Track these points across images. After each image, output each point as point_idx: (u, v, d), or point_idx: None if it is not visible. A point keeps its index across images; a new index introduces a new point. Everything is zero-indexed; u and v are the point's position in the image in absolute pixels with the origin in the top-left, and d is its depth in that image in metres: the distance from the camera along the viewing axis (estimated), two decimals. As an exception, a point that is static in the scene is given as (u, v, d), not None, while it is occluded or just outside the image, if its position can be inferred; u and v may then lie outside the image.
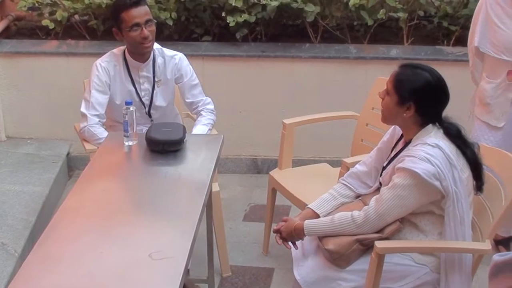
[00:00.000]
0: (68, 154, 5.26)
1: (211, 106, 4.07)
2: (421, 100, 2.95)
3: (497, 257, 1.59)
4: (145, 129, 3.58)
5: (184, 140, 3.38)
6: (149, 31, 3.75)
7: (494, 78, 3.86)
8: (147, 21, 3.74)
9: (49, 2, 5.34)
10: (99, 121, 3.82)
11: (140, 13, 3.72)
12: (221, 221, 4.00)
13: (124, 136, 3.40)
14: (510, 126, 3.90)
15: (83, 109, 3.82)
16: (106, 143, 3.53)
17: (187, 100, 4.06)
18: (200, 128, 3.94)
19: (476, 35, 3.89)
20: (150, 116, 3.96)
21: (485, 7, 3.82)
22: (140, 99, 3.91)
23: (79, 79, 4.16)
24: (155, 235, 2.68)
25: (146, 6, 3.78)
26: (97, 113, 3.80)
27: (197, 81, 4.06)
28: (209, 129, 3.96)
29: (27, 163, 5.03)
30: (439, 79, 2.97)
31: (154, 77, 3.92)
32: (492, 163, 3.17)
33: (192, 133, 3.87)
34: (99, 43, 5.30)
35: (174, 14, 5.14)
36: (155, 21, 3.83)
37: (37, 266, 2.46)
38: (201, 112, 4.04)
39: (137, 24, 3.71)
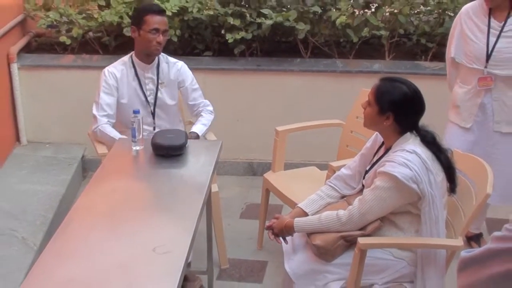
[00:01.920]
0: (82, 157, 5.25)
1: (211, 108, 4.10)
2: (399, 110, 2.95)
3: (464, 253, 1.59)
4: (147, 129, 3.63)
5: (186, 145, 3.38)
6: (163, 39, 3.81)
7: (466, 84, 3.92)
8: (164, 30, 3.82)
9: (66, 20, 5.32)
10: (108, 121, 3.84)
11: (162, 21, 3.80)
12: (220, 218, 3.99)
13: (132, 141, 3.40)
14: (477, 128, 3.92)
15: (94, 111, 3.85)
16: (116, 147, 3.52)
17: (190, 103, 4.08)
18: (199, 127, 3.96)
19: (452, 47, 3.98)
20: (154, 116, 3.95)
21: (460, 22, 3.91)
22: (146, 98, 3.92)
23: (93, 90, 4.13)
24: (159, 231, 2.68)
25: (165, 18, 3.86)
26: (106, 113, 3.81)
27: (197, 85, 4.09)
28: (206, 129, 3.99)
29: (46, 165, 5.02)
30: (416, 91, 2.97)
31: (158, 79, 3.94)
32: (464, 167, 3.18)
33: (191, 130, 3.91)
34: (111, 57, 5.25)
35: (178, 32, 5.14)
36: (170, 34, 3.87)
37: (52, 259, 2.46)
38: (202, 113, 4.06)
39: (157, 29, 3.77)
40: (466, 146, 3.81)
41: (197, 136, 3.87)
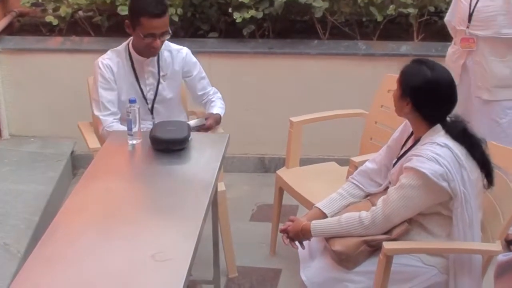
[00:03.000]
0: (72, 152, 5.28)
1: (220, 95, 4.13)
2: (417, 97, 2.96)
3: (502, 257, 1.59)
4: (146, 126, 3.58)
5: (189, 138, 3.39)
6: (161, 41, 3.75)
7: (456, 44, 4.35)
8: (163, 33, 3.74)
9: (53, -2, 5.35)
10: (114, 119, 3.83)
11: (159, 25, 3.69)
12: (227, 221, 4.01)
13: (128, 134, 3.40)
14: (460, 90, 3.90)
15: (95, 111, 3.83)
16: (109, 141, 3.54)
17: (199, 93, 4.09)
18: (218, 109, 4.01)
19: (449, 11, 4.47)
20: (152, 112, 3.96)
21: None
22: (144, 95, 3.92)
23: (83, 77, 4.17)
24: (159, 235, 2.68)
25: (166, 17, 3.75)
26: (110, 112, 3.81)
27: (204, 73, 4.10)
28: (223, 113, 4.03)
29: (31, 161, 5.05)
30: (439, 79, 2.96)
31: (159, 71, 3.92)
32: (501, 162, 3.16)
33: (212, 112, 3.95)
34: (104, 40, 5.31)
35: (180, 10, 5.15)
36: (171, 33, 3.82)
37: (38, 267, 2.46)
38: (212, 100, 4.08)
39: (153, 35, 3.69)
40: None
41: (220, 119, 3.92)
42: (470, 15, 4.12)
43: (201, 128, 3.81)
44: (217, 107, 4.04)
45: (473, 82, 4.22)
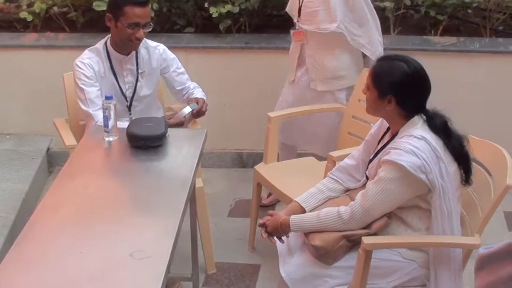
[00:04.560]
0: (48, 149, 5.24)
1: (201, 89, 4.12)
2: (400, 92, 2.95)
3: (482, 250, 1.59)
4: (124, 124, 3.55)
5: (166, 135, 3.37)
6: (144, 32, 3.73)
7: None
8: (146, 23, 3.72)
9: (27, -7, 5.30)
10: None
11: (144, 13, 3.69)
12: (206, 217, 3.99)
13: (105, 131, 3.37)
14: (299, 83, 4.44)
15: (84, 108, 3.76)
16: (86, 139, 3.51)
17: (178, 88, 4.07)
18: (200, 94, 4.04)
19: (289, 3, 4.50)
20: (130, 110, 3.92)
21: None
22: (123, 93, 3.88)
23: (59, 73, 4.12)
24: (137, 233, 2.66)
25: (149, 8, 3.76)
26: (99, 106, 3.72)
27: (183, 68, 4.09)
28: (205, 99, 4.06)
29: (6, 159, 5.00)
30: (417, 69, 2.97)
31: (137, 69, 3.89)
32: (481, 156, 3.17)
33: (195, 96, 3.97)
34: (79, 36, 5.27)
35: (155, 5, 5.12)
36: (152, 25, 3.79)
37: (14, 267, 2.44)
38: (193, 93, 4.06)
39: (137, 24, 3.67)
40: (292, 99, 4.46)
41: (204, 102, 3.94)
42: (299, 9, 4.26)
43: (197, 113, 3.84)
44: (199, 94, 4.04)
45: (309, 74, 4.36)
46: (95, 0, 5.06)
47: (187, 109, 3.79)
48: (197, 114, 3.87)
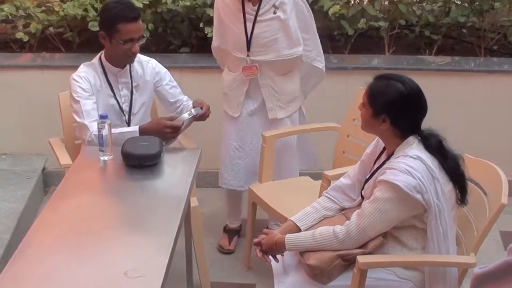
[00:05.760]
0: (43, 169, 5.22)
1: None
2: (395, 112, 2.95)
3: (478, 269, 1.58)
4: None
5: (161, 154, 3.36)
6: (139, 45, 3.75)
7: (233, 71, 4.23)
8: (140, 37, 3.74)
9: (23, 14, 5.31)
10: None
11: (137, 28, 3.71)
12: (201, 236, 3.98)
13: (100, 150, 3.37)
14: (253, 117, 4.26)
15: (79, 120, 3.73)
16: (81, 158, 3.50)
17: (171, 100, 4.07)
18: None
19: (215, 37, 4.30)
20: (129, 124, 3.92)
21: (218, 9, 4.18)
22: (120, 107, 3.89)
23: (54, 93, 4.12)
24: (131, 252, 2.65)
25: (140, 21, 3.77)
26: (94, 118, 3.71)
27: (175, 82, 4.11)
28: None
29: (1, 179, 4.98)
30: (413, 89, 2.97)
31: (132, 82, 3.90)
32: (476, 175, 3.17)
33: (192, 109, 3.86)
34: (74, 56, 5.28)
35: (151, 26, 5.13)
36: (146, 37, 3.81)
37: (9, 286, 2.43)
38: (188, 103, 4.05)
39: (132, 40, 3.69)
40: (241, 135, 4.28)
41: (208, 107, 3.88)
42: (249, 42, 4.04)
43: (200, 117, 3.80)
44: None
45: (266, 104, 4.18)
46: (91, 21, 5.08)
47: (186, 116, 3.75)
48: (200, 117, 3.83)
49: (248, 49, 4.05)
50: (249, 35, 4.02)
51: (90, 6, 5.14)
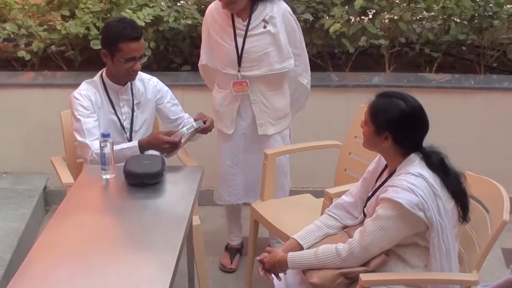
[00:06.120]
0: (44, 188, 5.21)
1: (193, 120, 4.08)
2: (397, 130, 2.96)
3: (480, 287, 1.58)
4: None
5: (163, 172, 3.36)
6: (141, 64, 3.77)
7: (223, 88, 4.20)
8: (141, 55, 3.76)
9: (25, 33, 5.32)
10: None
11: (139, 47, 3.73)
12: (202, 255, 3.97)
13: (102, 169, 3.38)
14: (245, 134, 4.24)
15: (80, 139, 3.74)
16: (83, 176, 3.50)
17: (172, 118, 4.08)
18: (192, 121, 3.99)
19: (203, 54, 4.25)
20: (130, 141, 3.91)
21: (207, 25, 4.16)
22: (121, 124, 3.89)
23: (56, 111, 4.13)
24: (134, 270, 2.65)
25: (142, 39, 3.78)
26: (96, 137, 3.73)
27: (176, 100, 4.12)
28: None
29: (2, 198, 4.97)
30: (414, 107, 2.97)
31: (133, 100, 3.91)
32: (478, 192, 3.17)
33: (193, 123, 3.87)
34: (76, 74, 5.28)
35: (152, 44, 5.15)
36: (148, 55, 3.82)
37: (11, 306, 2.43)
38: (189, 120, 4.04)
39: (133, 58, 3.71)
40: (234, 152, 4.26)
41: (212, 122, 3.90)
42: (240, 58, 4.03)
43: (203, 130, 3.82)
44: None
45: (257, 120, 4.16)
46: (93, 39, 5.09)
47: (185, 130, 3.74)
48: (203, 131, 3.85)
49: (239, 64, 4.04)
50: (240, 51, 4.01)
51: (92, 25, 5.15)
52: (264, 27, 3.99)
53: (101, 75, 3.88)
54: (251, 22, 3.99)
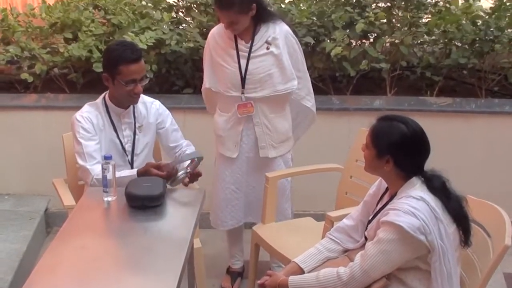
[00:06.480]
0: (46, 210, 5.21)
1: (193, 147, 4.12)
2: (398, 153, 2.96)
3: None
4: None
5: (164, 195, 3.36)
6: (142, 86, 3.78)
7: (226, 112, 4.19)
8: (142, 77, 3.77)
9: (28, 55, 5.35)
10: None
11: (139, 69, 3.74)
12: (203, 277, 3.96)
13: (103, 191, 3.38)
14: (247, 157, 4.22)
15: (81, 162, 3.76)
16: (84, 199, 3.50)
17: (171, 145, 4.09)
18: (191, 148, 4.04)
19: (206, 78, 4.22)
20: (132, 164, 3.93)
21: (209, 49, 4.16)
22: (123, 146, 3.90)
23: (58, 133, 4.14)
24: (135, 294, 2.65)
25: (143, 62, 3.79)
26: (96, 160, 3.74)
27: (177, 125, 4.12)
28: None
29: (4, 219, 4.98)
30: (416, 131, 2.98)
31: (135, 123, 3.92)
32: (479, 216, 3.16)
33: (186, 153, 3.92)
34: (78, 96, 5.30)
35: (154, 67, 5.17)
36: (149, 77, 3.84)
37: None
38: (186, 151, 4.06)
39: (134, 80, 3.72)
40: (237, 177, 4.23)
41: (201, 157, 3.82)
42: (243, 79, 4.03)
43: (192, 177, 3.77)
44: (190, 150, 4.04)
45: (258, 142, 4.15)
46: (95, 62, 5.11)
47: (179, 176, 3.72)
48: (193, 176, 3.79)
49: (243, 86, 4.04)
50: (243, 72, 4.02)
51: (94, 48, 5.18)
52: (267, 48, 4.00)
53: (104, 97, 3.89)
54: (254, 43, 4.00)
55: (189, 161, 3.74)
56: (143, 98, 3.97)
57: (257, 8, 3.94)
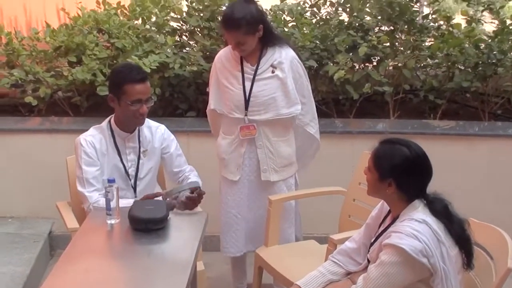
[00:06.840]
0: (50, 233, 5.22)
1: (196, 173, 4.14)
2: (400, 176, 2.97)
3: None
4: (129, 202, 3.56)
5: (168, 218, 3.37)
6: (147, 107, 3.80)
7: (229, 134, 4.22)
8: (148, 99, 3.79)
9: (33, 79, 5.38)
10: (99, 194, 3.78)
11: (144, 89, 3.76)
12: (207, 300, 3.96)
13: (107, 214, 3.39)
14: (249, 180, 4.23)
15: (80, 188, 3.79)
16: (88, 221, 3.51)
17: (175, 170, 4.10)
18: (194, 178, 4.04)
19: (211, 99, 4.26)
20: (135, 188, 3.94)
21: (215, 71, 4.21)
22: (126, 171, 3.91)
23: (62, 156, 4.16)
24: (138, 317, 2.65)
25: (148, 83, 3.82)
26: (95, 188, 3.77)
27: (181, 150, 4.14)
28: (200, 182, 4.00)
29: (8, 242, 4.98)
30: (418, 154, 2.99)
31: (140, 147, 3.93)
32: (482, 239, 3.16)
33: (190, 181, 3.93)
34: (82, 120, 5.33)
35: (158, 90, 5.20)
36: (154, 99, 3.87)
37: None
38: (189, 176, 4.07)
39: (139, 101, 3.74)
40: (238, 200, 4.24)
41: (199, 187, 3.83)
42: (247, 102, 4.06)
43: (189, 202, 3.75)
44: (193, 177, 4.06)
45: (261, 166, 4.16)
46: (99, 85, 5.14)
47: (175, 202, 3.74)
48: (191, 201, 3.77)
49: (246, 108, 4.07)
50: (247, 94, 4.04)
51: (98, 71, 5.21)
52: (273, 72, 4.04)
53: (109, 121, 3.91)
54: (259, 66, 4.04)
55: (188, 191, 3.74)
56: (149, 122, 3.99)
57: (264, 30, 3.98)
